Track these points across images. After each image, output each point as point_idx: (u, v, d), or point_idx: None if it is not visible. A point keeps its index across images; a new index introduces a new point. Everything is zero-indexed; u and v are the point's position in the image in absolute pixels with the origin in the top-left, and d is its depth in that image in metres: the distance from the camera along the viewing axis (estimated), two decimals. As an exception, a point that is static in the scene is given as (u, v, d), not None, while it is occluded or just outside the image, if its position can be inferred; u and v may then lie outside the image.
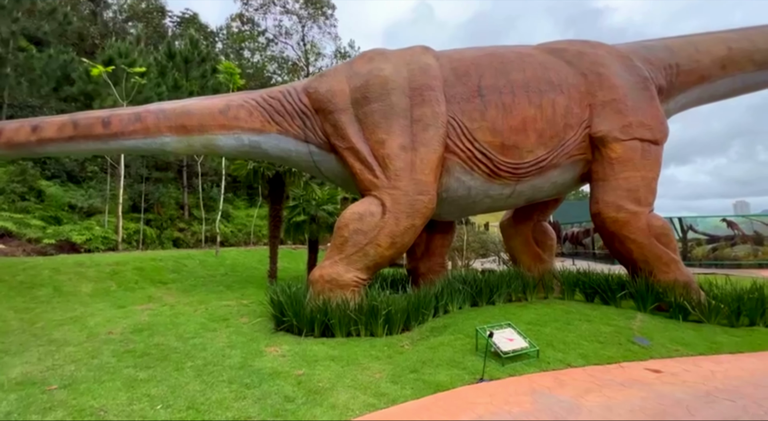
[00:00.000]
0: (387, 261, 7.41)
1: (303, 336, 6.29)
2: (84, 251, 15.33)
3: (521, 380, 4.46)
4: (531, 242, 10.34)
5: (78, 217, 17.16)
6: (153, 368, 4.79)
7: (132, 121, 8.43)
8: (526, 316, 7.01)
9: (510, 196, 8.48)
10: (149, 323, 6.81)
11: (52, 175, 18.93)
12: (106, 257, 11.64)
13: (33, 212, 15.94)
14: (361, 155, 7.49)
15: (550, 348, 5.44)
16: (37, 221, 15.54)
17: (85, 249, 15.49)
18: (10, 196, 15.95)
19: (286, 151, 8.59)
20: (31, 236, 14.60)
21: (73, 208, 17.47)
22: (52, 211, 16.56)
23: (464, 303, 8.04)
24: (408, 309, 6.65)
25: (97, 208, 17.51)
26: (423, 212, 7.29)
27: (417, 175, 7.25)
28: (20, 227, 14.76)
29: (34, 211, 16.06)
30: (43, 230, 15.13)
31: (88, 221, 16.91)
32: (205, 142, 8.61)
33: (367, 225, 7.10)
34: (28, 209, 15.97)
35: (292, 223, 12.82)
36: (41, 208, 16.44)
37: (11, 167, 16.87)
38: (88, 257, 11.00)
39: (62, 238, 15.13)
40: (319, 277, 7.07)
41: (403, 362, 5.04)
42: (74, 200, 16.97)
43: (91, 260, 10.19)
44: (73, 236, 15.35)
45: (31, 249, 14.30)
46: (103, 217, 17.51)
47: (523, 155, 7.88)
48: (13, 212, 15.41)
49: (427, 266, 9.98)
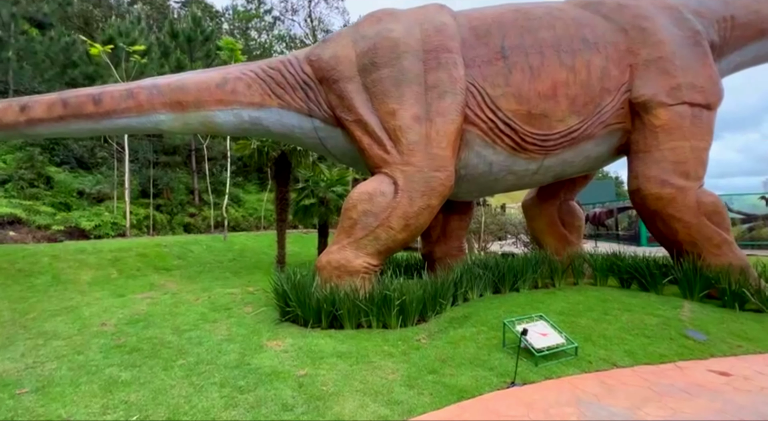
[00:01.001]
0: (400, 245, 6.72)
1: (309, 328, 5.73)
2: (94, 238, 15.18)
3: (561, 385, 3.77)
4: (557, 222, 9.50)
5: (88, 203, 16.97)
6: (139, 366, 4.29)
7: (124, 98, 7.83)
8: (556, 305, 6.28)
9: (536, 172, 7.62)
10: (146, 314, 6.36)
11: (62, 162, 18.72)
12: (108, 243, 11.32)
13: (42, 199, 15.78)
14: (369, 128, 6.72)
15: (590, 344, 4.73)
16: (46, 207, 15.39)
17: (94, 235, 15.34)
18: (19, 183, 15.78)
19: (288, 128, 7.88)
20: (41, 222, 14.45)
21: (83, 195, 17.29)
22: (62, 197, 16.38)
23: (485, 290, 7.34)
24: (424, 298, 6.00)
25: (106, 194, 17.28)
26: (440, 190, 6.53)
27: (433, 149, 6.46)
28: (30, 213, 14.62)
29: (44, 197, 15.90)
30: (53, 217, 14.99)
31: (98, 207, 16.73)
32: (203, 119, 7.97)
33: (378, 206, 6.40)
34: (38, 196, 15.80)
35: (300, 206, 12.24)
36: (51, 194, 16.28)
37: (18, 154, 16.68)
38: (91, 244, 10.69)
39: (71, 224, 14.97)
40: (326, 263, 6.46)
41: (420, 361, 4.41)
42: (83, 186, 16.72)
43: (93, 246, 9.85)
44: (82, 223, 15.17)
45: (41, 236, 14.18)
46: (113, 203, 17.30)
47: (552, 125, 6.98)
48: (23, 198, 15.26)
49: (444, 250, 9.28)
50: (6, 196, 15.01)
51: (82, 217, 15.50)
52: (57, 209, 15.80)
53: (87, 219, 15.46)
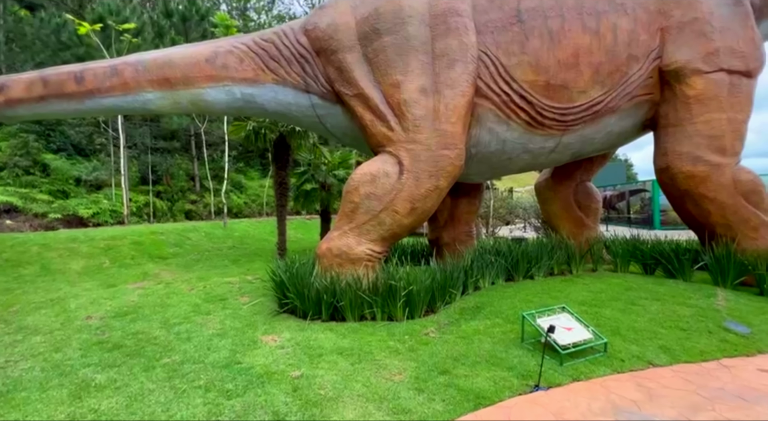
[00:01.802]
0: (406, 230, 6.21)
1: (308, 320, 5.30)
2: (92, 226, 14.88)
3: (592, 388, 3.30)
4: (572, 205, 8.91)
5: (85, 190, 16.62)
6: (119, 366, 3.88)
7: (108, 75, 7.26)
8: (576, 294, 5.78)
9: (553, 150, 7.02)
10: (136, 305, 5.97)
11: (58, 149, 18.31)
12: (102, 231, 10.95)
13: (39, 186, 15.44)
14: (371, 103, 6.13)
15: (619, 338, 4.24)
16: (43, 195, 15.06)
17: (93, 223, 15.03)
18: (14, 170, 15.43)
19: (285, 105, 7.30)
20: (38, 210, 14.15)
21: (81, 182, 16.92)
22: (59, 185, 16.03)
23: (497, 278, 6.85)
24: (433, 288, 5.52)
25: (104, 181, 16.89)
26: (449, 170, 5.97)
27: (441, 124, 5.87)
28: (26, 201, 14.30)
29: (40, 185, 15.56)
30: (50, 205, 14.66)
31: (96, 195, 16.37)
32: (193, 97, 7.40)
33: (382, 188, 5.87)
34: (34, 183, 15.46)
35: (301, 191, 11.75)
36: (47, 182, 15.92)
37: (13, 141, 16.26)
38: (83, 232, 10.31)
39: (69, 212, 14.64)
40: (327, 250, 5.98)
41: (430, 358, 3.96)
42: (80, 173, 16.32)
43: (85, 234, 9.48)
44: (79, 210, 14.84)
45: (38, 224, 13.89)
46: (111, 190, 16.92)
47: (573, 97, 6.34)
48: (18, 186, 14.92)
49: (452, 235, 8.76)
50: (1, 184, 14.68)
51: (80, 205, 15.16)
52: (54, 197, 15.47)
53: (85, 207, 15.12)
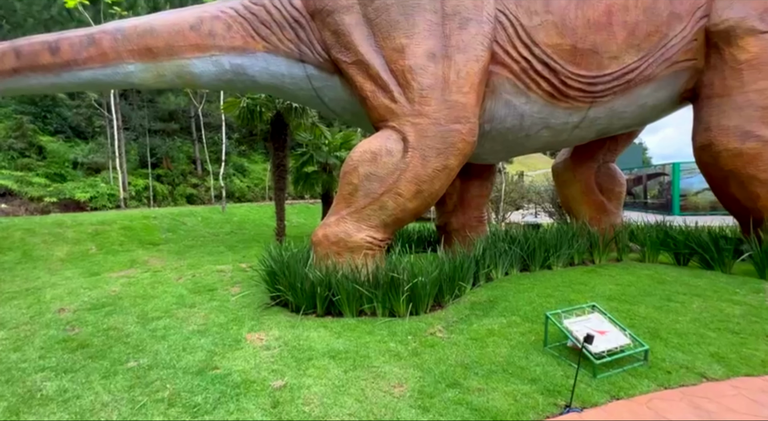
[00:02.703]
0: (411, 216, 5.57)
1: (301, 315, 4.75)
2: (90, 210, 14.51)
3: (637, 410, 2.69)
4: (593, 189, 8.17)
5: (83, 174, 16.21)
6: (76, 371, 3.37)
7: (85, 45, 6.60)
8: (602, 287, 5.13)
9: (577, 126, 6.26)
10: (116, 297, 5.48)
11: (56, 131, 17.87)
12: (90, 215, 10.48)
13: (35, 170, 15.06)
14: (372, 71, 5.40)
15: (660, 343, 3.60)
16: (39, 178, 14.68)
17: (90, 207, 14.67)
18: (9, 152, 15.03)
19: (277, 77, 6.59)
20: (33, 194, 13.79)
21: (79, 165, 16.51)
22: (56, 168, 15.63)
23: (511, 268, 6.22)
24: (440, 279, 4.91)
25: (102, 164, 16.43)
26: (460, 147, 5.26)
27: (452, 95, 5.14)
28: (22, 185, 13.95)
29: (37, 168, 15.17)
30: (46, 188, 14.28)
31: (93, 178, 15.96)
32: (178, 69, 6.73)
33: (384, 168, 5.21)
34: (30, 166, 15.08)
35: (301, 174, 11.11)
36: (44, 165, 15.54)
37: (7, 122, 15.81)
38: (71, 216, 9.85)
39: (65, 196, 14.26)
40: (323, 238, 5.38)
41: (436, 365, 3.38)
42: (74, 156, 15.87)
43: (73, 219, 9.01)
44: (76, 194, 14.46)
45: (33, 208, 13.55)
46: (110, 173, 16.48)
47: (603, 64, 5.54)
48: (14, 169, 14.55)
49: (462, 221, 8.10)
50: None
51: (77, 188, 14.77)
52: (51, 180, 15.10)
53: (82, 190, 14.74)
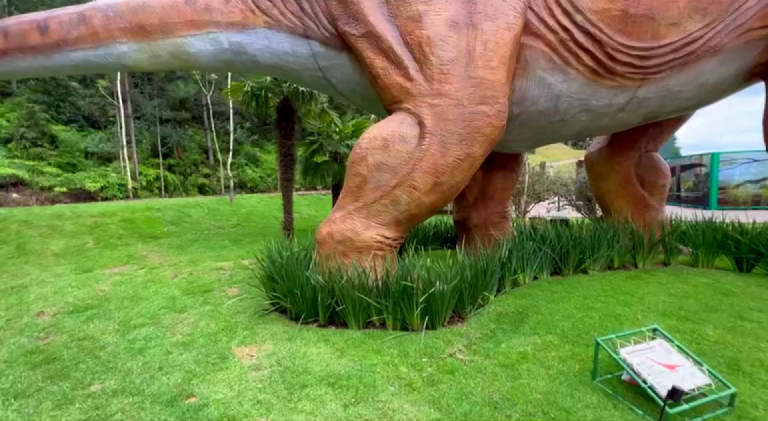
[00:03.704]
0: (427, 211, 4.87)
1: (301, 323, 4.17)
2: (101, 200, 14.35)
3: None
4: (633, 182, 7.26)
5: (95, 163, 16.08)
6: (30, 396, 2.86)
7: (75, 23, 6.08)
8: (652, 298, 4.35)
9: (623, 109, 5.38)
10: (103, 297, 5.02)
11: (69, 120, 17.78)
12: (90, 207, 10.18)
13: (47, 159, 14.96)
14: (384, 44, 4.67)
15: (744, 379, 2.84)
16: (51, 168, 14.58)
17: (101, 198, 14.51)
18: (22, 142, 14.95)
19: (280, 56, 5.93)
20: (44, 184, 13.68)
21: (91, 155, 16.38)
22: (68, 157, 15.52)
23: (541, 271, 5.48)
24: (461, 288, 4.23)
25: (111, 153, 16.25)
26: (486, 132, 4.50)
27: (478, 70, 4.37)
28: (33, 174, 13.85)
29: (49, 158, 15.08)
30: (56, 178, 14.16)
31: (104, 168, 15.79)
32: (174, 49, 6.14)
33: (397, 157, 4.51)
34: (42, 156, 14.99)
35: (310, 163, 10.49)
36: (56, 154, 15.44)
37: (20, 111, 15.73)
38: (71, 208, 9.54)
39: (75, 186, 14.12)
40: (327, 236, 4.74)
41: (458, 402, 2.71)
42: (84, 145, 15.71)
43: (73, 210, 8.68)
44: (86, 184, 14.31)
45: (44, 198, 13.44)
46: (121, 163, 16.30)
47: (660, 33, 4.65)
48: (26, 158, 14.47)
49: (483, 216, 7.33)
50: (9, 156, 14.25)
51: (87, 178, 14.61)
52: (64, 170, 14.98)
53: (92, 180, 14.58)
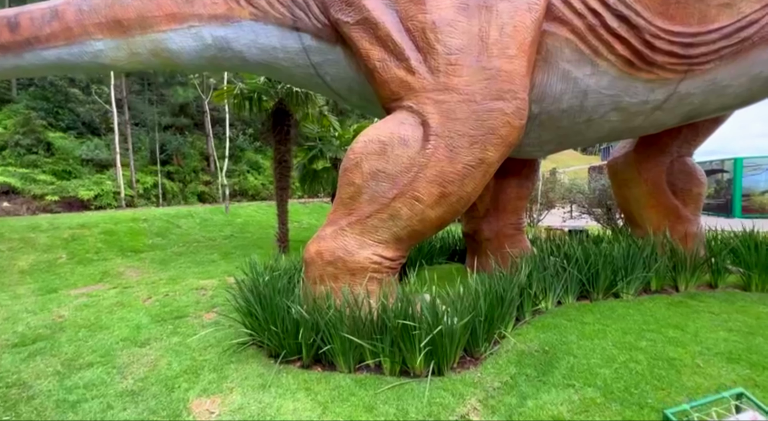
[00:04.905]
0: (433, 227, 4.14)
1: (280, 363, 3.45)
2: (94, 209, 13.87)
3: None
4: (665, 190, 6.46)
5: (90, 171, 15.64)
6: None
7: (47, 19, 5.55)
8: (709, 334, 3.55)
9: (660, 107, 4.63)
10: (59, 326, 4.36)
11: (68, 127, 17.42)
12: (71, 217, 9.63)
13: (42, 166, 14.54)
14: (381, 32, 3.99)
15: None
16: (45, 175, 14.14)
17: (95, 206, 14.02)
18: (16, 149, 14.57)
19: (269, 52, 5.29)
20: (36, 192, 13.23)
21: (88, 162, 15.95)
22: (63, 165, 15.09)
23: (566, 295, 4.71)
24: (474, 324, 3.47)
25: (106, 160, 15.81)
26: (502, 134, 3.78)
27: (492, 60, 3.67)
28: (26, 182, 13.41)
29: (43, 165, 14.65)
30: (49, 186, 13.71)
31: (99, 175, 15.34)
32: (153, 46, 5.56)
33: (396, 163, 3.81)
34: (37, 163, 14.57)
35: (308, 170, 9.86)
36: (51, 162, 15.01)
37: (15, 118, 15.39)
38: (49, 219, 8.98)
39: (68, 194, 13.65)
40: (316, 255, 4.03)
41: None
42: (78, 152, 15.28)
43: (51, 222, 8.10)
44: (80, 192, 13.82)
45: (35, 207, 12.97)
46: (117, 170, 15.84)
47: (709, 15, 3.93)
48: (20, 166, 14.05)
49: (495, 229, 6.57)
50: (2, 163, 13.85)
51: (81, 186, 14.14)
52: (59, 178, 14.54)
53: (86, 188, 14.09)
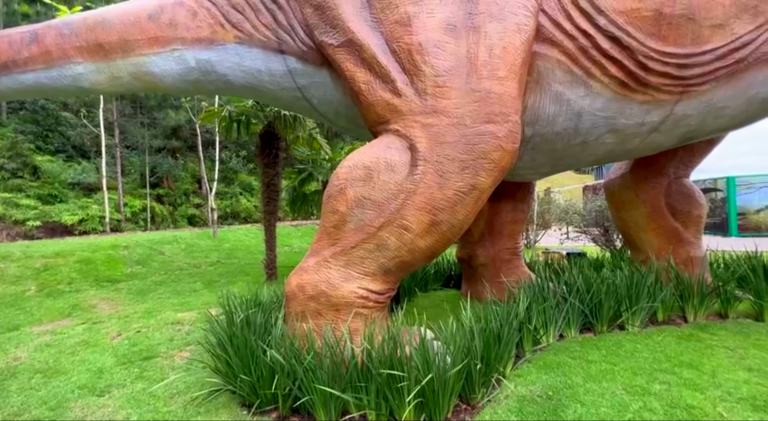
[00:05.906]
0: (423, 257, 3.84)
1: (254, 414, 3.07)
2: (78, 234, 13.43)
3: None
4: (664, 212, 6.28)
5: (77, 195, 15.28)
6: None
7: (26, 43, 5.36)
8: (727, 375, 3.23)
9: (656, 128, 4.48)
10: (11, 371, 3.95)
11: (57, 151, 17.17)
12: (46, 245, 9.21)
13: (26, 191, 14.17)
14: (366, 54, 3.83)
15: None
16: (29, 200, 13.75)
17: (79, 231, 13.59)
18: (1, 173, 14.23)
19: (254, 74, 5.12)
20: (18, 217, 12.81)
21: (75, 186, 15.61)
22: (49, 189, 14.73)
23: (568, 328, 4.39)
24: (470, 366, 3.13)
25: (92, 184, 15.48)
26: (494, 158, 3.55)
27: (482, 82, 3.49)
28: (8, 207, 13.00)
29: (28, 189, 14.29)
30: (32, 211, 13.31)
31: (86, 199, 14.97)
32: (135, 69, 5.36)
33: (382, 190, 3.56)
34: (21, 187, 14.20)
35: (299, 193, 9.61)
36: (36, 186, 14.66)
37: (2, 141, 15.13)
38: (23, 247, 8.57)
39: (51, 219, 13.24)
40: (298, 289, 3.71)
41: None
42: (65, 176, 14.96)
43: (24, 250, 7.70)
44: (64, 217, 13.42)
45: (15, 233, 12.52)
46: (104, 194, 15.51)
47: (702, 36, 3.82)
48: (3, 190, 13.68)
49: (491, 254, 6.30)
50: (-15, 188, 13.51)
51: (65, 211, 13.74)
52: (43, 202, 14.15)
53: (70, 213, 13.69)
